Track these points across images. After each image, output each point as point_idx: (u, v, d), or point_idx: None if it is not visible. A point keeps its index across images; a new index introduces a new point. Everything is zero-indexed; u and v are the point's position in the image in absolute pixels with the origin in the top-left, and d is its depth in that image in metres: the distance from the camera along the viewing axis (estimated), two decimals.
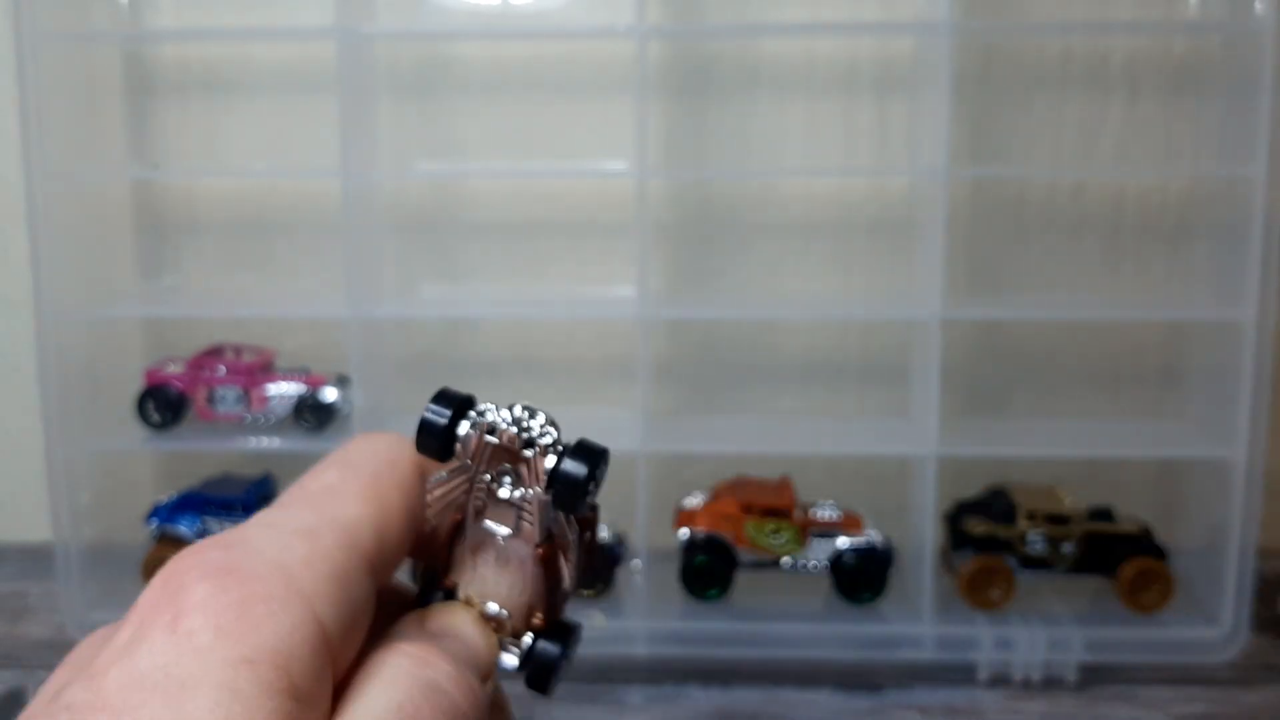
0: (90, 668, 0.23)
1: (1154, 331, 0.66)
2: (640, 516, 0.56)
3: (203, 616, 0.24)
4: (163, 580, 0.24)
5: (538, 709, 0.51)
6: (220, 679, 0.23)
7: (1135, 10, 0.62)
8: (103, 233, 0.64)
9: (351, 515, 0.26)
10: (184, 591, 0.24)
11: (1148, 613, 0.56)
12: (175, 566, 0.25)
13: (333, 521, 0.26)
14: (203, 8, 0.64)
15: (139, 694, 0.23)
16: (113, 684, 0.23)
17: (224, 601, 0.24)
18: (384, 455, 0.29)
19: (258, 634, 0.24)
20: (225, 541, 0.25)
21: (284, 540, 0.25)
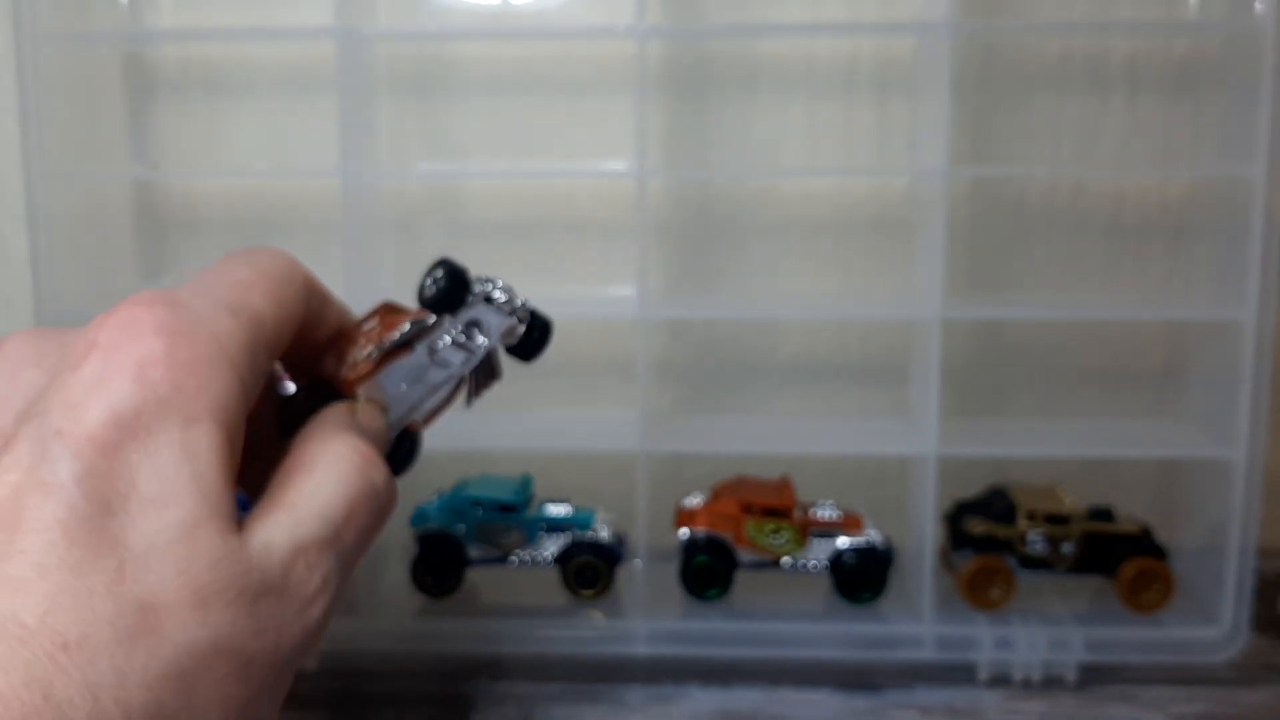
0: (65, 390, 0.28)
1: (1154, 331, 0.66)
2: (640, 516, 0.56)
3: (162, 370, 0.28)
4: (120, 324, 0.29)
5: (537, 708, 0.52)
6: (179, 435, 0.28)
7: (1135, 10, 0.62)
8: (103, 232, 0.64)
9: (259, 308, 0.32)
10: (143, 341, 0.28)
11: (1148, 613, 0.56)
12: (131, 314, 0.29)
13: (247, 307, 0.32)
14: (203, 8, 0.64)
15: (117, 433, 0.27)
16: (94, 419, 0.27)
17: (178, 359, 0.28)
18: (286, 268, 0.35)
19: (205, 394, 0.29)
20: (168, 300, 0.30)
21: (216, 313, 0.30)
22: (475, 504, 0.57)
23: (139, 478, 0.28)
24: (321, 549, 0.31)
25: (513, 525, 0.57)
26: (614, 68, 0.63)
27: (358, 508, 0.33)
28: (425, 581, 0.58)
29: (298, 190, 0.66)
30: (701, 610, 0.58)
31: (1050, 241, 0.65)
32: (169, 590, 0.28)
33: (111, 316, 0.29)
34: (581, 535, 0.58)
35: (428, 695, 0.53)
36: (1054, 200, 0.65)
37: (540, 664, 0.56)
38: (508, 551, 0.58)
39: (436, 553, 0.57)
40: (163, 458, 0.28)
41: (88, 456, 0.27)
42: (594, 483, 0.66)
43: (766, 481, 0.60)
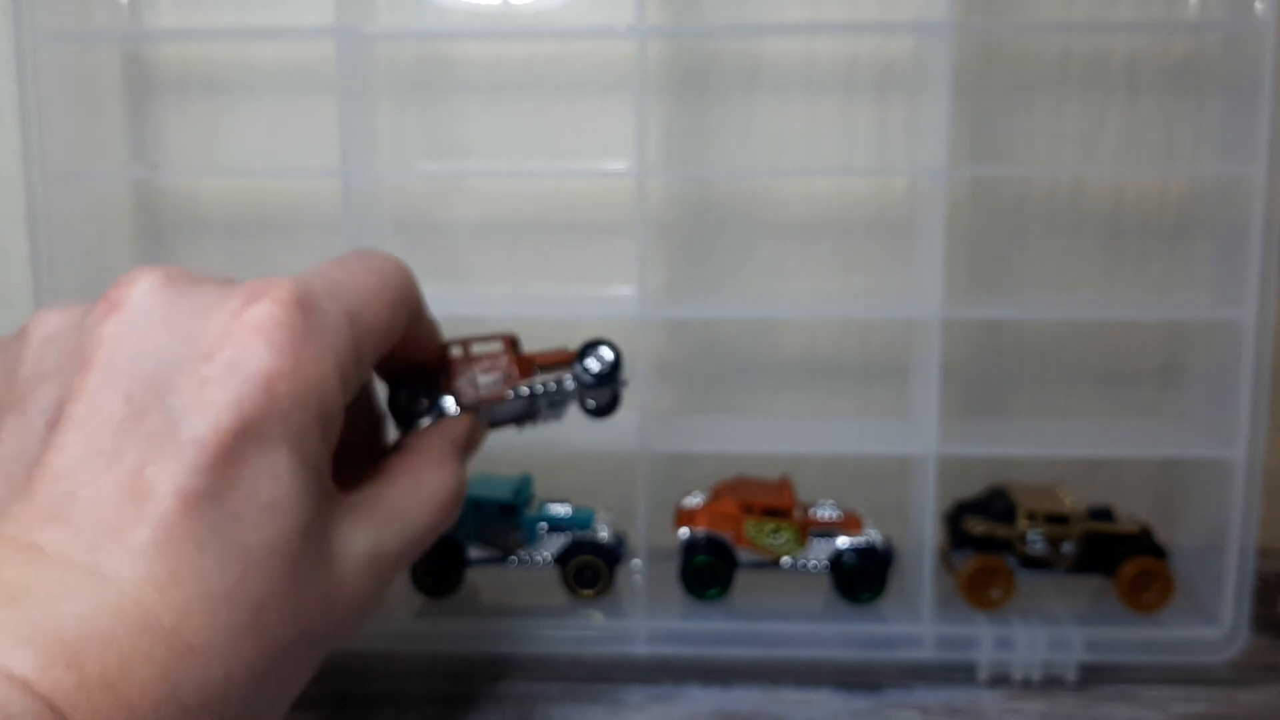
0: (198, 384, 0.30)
1: (1154, 331, 0.66)
2: (640, 516, 0.56)
3: (287, 385, 0.31)
4: (258, 325, 0.31)
5: (537, 707, 0.52)
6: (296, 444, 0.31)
7: (1135, 10, 0.62)
8: (103, 232, 0.64)
9: (377, 318, 0.35)
10: (275, 353, 0.31)
11: (1148, 612, 0.57)
12: (270, 314, 0.31)
13: (367, 317, 0.35)
14: (203, 8, 0.64)
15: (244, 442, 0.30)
16: (226, 426, 0.29)
17: (302, 376, 0.31)
18: (406, 284, 0.39)
19: (320, 408, 0.32)
20: (304, 304, 0.33)
21: (339, 324, 0.33)
22: (475, 504, 0.57)
23: (260, 486, 0.30)
24: (396, 563, 0.35)
25: (512, 525, 0.57)
26: (614, 68, 0.64)
27: (436, 533, 0.37)
28: (425, 581, 0.58)
29: (298, 190, 0.66)
30: (701, 610, 0.58)
31: (1050, 241, 0.65)
32: (278, 595, 0.30)
33: (252, 308, 0.31)
34: (581, 535, 0.58)
35: (428, 694, 0.53)
36: (1054, 200, 0.65)
37: (540, 663, 0.56)
38: (508, 551, 0.58)
39: (436, 552, 0.58)
40: (281, 467, 0.30)
41: (218, 467, 0.29)
42: (594, 483, 0.66)
43: (766, 481, 0.60)
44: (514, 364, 0.44)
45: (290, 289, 0.33)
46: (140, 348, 0.31)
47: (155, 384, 0.30)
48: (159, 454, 0.29)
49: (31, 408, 0.32)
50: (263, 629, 0.30)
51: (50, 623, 0.26)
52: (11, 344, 0.34)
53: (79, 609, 0.27)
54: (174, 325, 0.31)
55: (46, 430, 0.31)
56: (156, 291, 0.32)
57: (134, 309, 0.32)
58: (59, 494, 0.29)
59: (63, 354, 0.32)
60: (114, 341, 0.31)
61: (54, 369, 0.32)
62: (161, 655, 0.27)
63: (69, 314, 0.34)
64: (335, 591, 0.32)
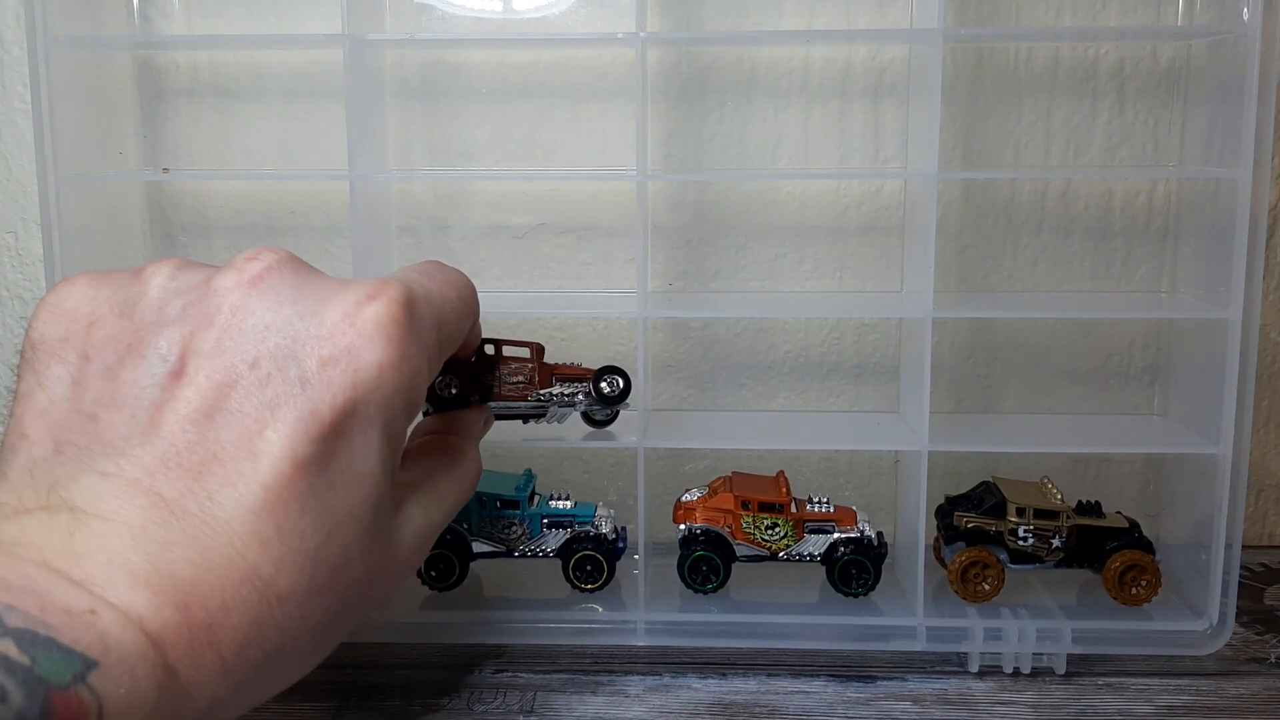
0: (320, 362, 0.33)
1: (1141, 330, 0.67)
2: (640, 511, 0.57)
3: (391, 376, 0.34)
4: (377, 320, 0.34)
5: (539, 697, 0.53)
6: (386, 426, 0.34)
7: (1123, 16, 0.63)
8: (115, 234, 0.65)
9: (453, 328, 0.40)
10: (389, 345, 0.34)
11: (1135, 606, 0.57)
12: (388, 313, 0.35)
13: (447, 326, 0.39)
14: (213, 14, 0.65)
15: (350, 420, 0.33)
16: (341, 404, 0.33)
17: (404, 370, 0.35)
18: (474, 300, 0.43)
19: (409, 397, 0.35)
20: (410, 305, 0.36)
21: (430, 329, 0.37)
22: (479, 499, 0.58)
23: (355, 458, 0.33)
24: (438, 530, 0.40)
25: (515, 519, 0.58)
26: (615, 74, 0.65)
27: (462, 506, 0.43)
28: (430, 574, 0.59)
29: (306, 193, 0.67)
30: (699, 602, 0.59)
31: (1039, 242, 0.66)
32: (352, 557, 0.33)
33: (372, 304, 0.35)
34: (583, 529, 0.59)
35: (432, 685, 0.54)
36: (1043, 202, 0.66)
37: (542, 654, 0.56)
38: (511, 545, 0.59)
39: (441, 546, 0.58)
40: (373, 443, 0.34)
41: (328, 439, 0.32)
42: (595, 478, 0.68)
43: (763, 477, 0.61)
44: (537, 371, 0.52)
45: (403, 291, 0.36)
46: (266, 320, 0.33)
47: (279, 354, 0.33)
48: (278, 419, 0.31)
49: (151, 353, 0.33)
50: (336, 586, 0.33)
51: (167, 566, 0.29)
52: (128, 284, 0.35)
53: (192, 555, 0.29)
54: (299, 304, 0.34)
55: (169, 379, 0.32)
56: (283, 269, 0.35)
57: (265, 282, 0.34)
58: (183, 443, 0.31)
59: (185, 308, 0.34)
60: (244, 308, 0.33)
61: (175, 320, 0.34)
62: (255, 603, 0.30)
63: (190, 271, 0.36)
64: (393, 556, 0.36)
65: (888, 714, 0.51)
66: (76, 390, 0.33)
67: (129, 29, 0.65)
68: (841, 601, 0.58)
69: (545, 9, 0.64)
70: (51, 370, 0.33)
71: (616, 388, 0.53)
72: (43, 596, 0.26)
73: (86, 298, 0.35)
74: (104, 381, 0.33)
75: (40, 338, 0.34)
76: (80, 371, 0.33)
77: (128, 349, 0.33)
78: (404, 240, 0.67)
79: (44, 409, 0.33)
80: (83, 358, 0.33)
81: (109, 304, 0.35)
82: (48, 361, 0.34)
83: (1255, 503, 0.71)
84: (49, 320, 0.34)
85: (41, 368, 0.33)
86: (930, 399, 0.56)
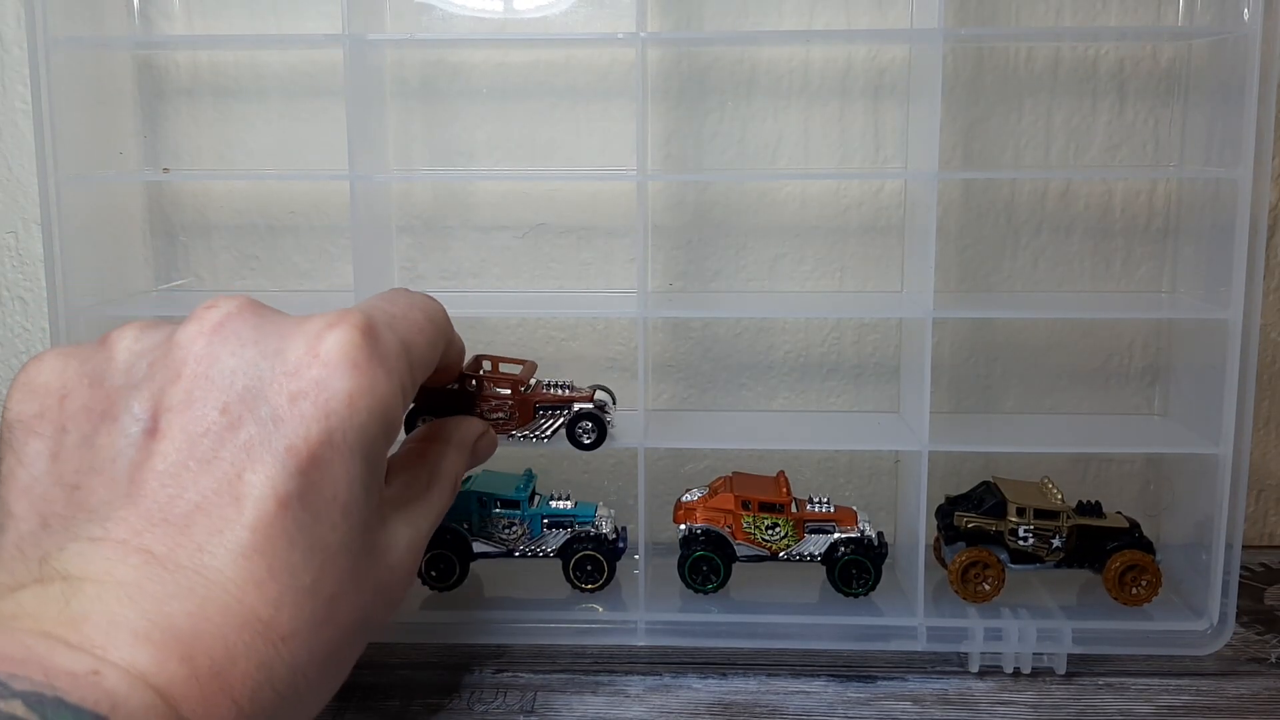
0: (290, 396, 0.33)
1: (1141, 330, 0.67)
2: (640, 511, 0.57)
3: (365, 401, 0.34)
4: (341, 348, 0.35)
5: (539, 697, 0.53)
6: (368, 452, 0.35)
7: (1123, 16, 0.63)
8: (116, 234, 0.65)
9: (424, 352, 0.40)
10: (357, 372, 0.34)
11: (1135, 606, 0.57)
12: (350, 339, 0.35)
13: (418, 349, 0.39)
14: (213, 14, 0.65)
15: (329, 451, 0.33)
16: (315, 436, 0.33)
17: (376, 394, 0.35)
18: (444, 321, 0.43)
19: (387, 420, 0.35)
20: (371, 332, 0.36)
21: (399, 352, 0.37)
22: (479, 499, 0.58)
23: (339, 488, 0.33)
24: (426, 539, 0.40)
25: (515, 519, 0.58)
26: (615, 74, 0.65)
27: (445, 512, 0.43)
28: (430, 574, 0.59)
29: (306, 193, 0.67)
30: (700, 602, 0.59)
31: (1040, 242, 0.66)
32: (346, 586, 0.34)
33: (332, 333, 0.35)
34: (583, 529, 0.59)
35: (433, 684, 0.54)
36: (1043, 202, 0.66)
37: (543, 654, 0.56)
38: (511, 545, 0.59)
39: (442, 546, 0.58)
40: (354, 471, 0.34)
41: (307, 472, 0.32)
42: (595, 478, 0.68)
43: (763, 477, 0.61)
44: (517, 406, 0.54)
45: (362, 318, 0.36)
46: (232, 364, 0.34)
47: (248, 396, 0.33)
48: (255, 460, 0.32)
49: (124, 415, 0.33)
50: (336, 617, 0.33)
51: (165, 621, 0.29)
52: (94, 354, 0.36)
53: (189, 606, 0.29)
54: (261, 344, 0.35)
55: (144, 438, 0.33)
56: (243, 313, 0.36)
57: (226, 328, 0.35)
58: (165, 498, 0.31)
59: (151, 366, 0.34)
60: (208, 356, 0.34)
61: (143, 380, 0.34)
62: (260, 646, 0.30)
63: (153, 331, 0.36)
64: (387, 578, 0.37)
65: (888, 714, 0.51)
66: (56, 463, 0.33)
67: (129, 29, 0.65)
68: (842, 601, 0.58)
69: (545, 9, 0.64)
70: (30, 447, 0.34)
71: (591, 436, 0.56)
72: (45, 663, 0.26)
73: (56, 372, 0.35)
74: (82, 451, 0.33)
75: (16, 416, 0.35)
76: (58, 445, 0.34)
77: (102, 416, 0.34)
78: (404, 240, 0.67)
79: (26, 486, 0.33)
80: (59, 430, 0.34)
81: (79, 375, 0.35)
82: (25, 439, 0.34)
83: (1255, 503, 0.71)
84: (23, 399, 0.35)
85: (20, 446, 0.34)
86: (930, 399, 0.56)
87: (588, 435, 0.56)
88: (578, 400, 0.56)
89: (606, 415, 0.56)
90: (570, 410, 0.56)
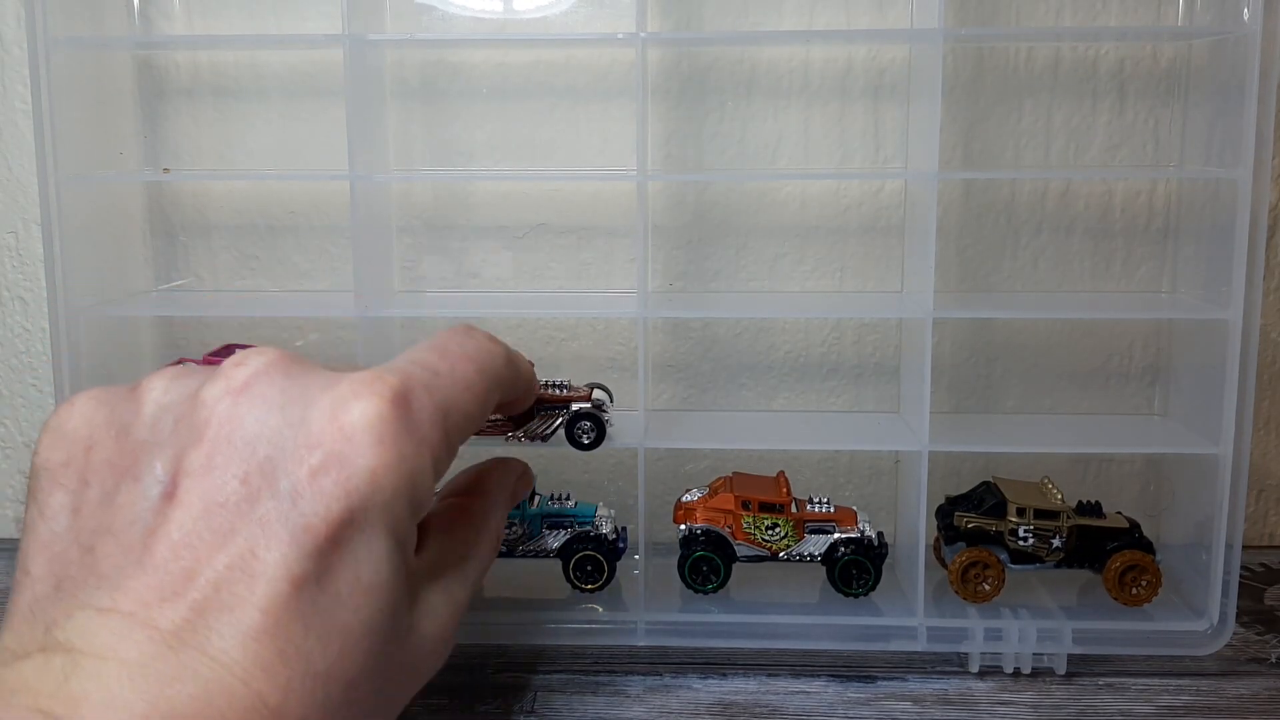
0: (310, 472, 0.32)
1: (1141, 330, 0.67)
2: (640, 511, 0.57)
3: (390, 479, 0.32)
4: (366, 421, 0.32)
5: (540, 697, 0.53)
6: (393, 530, 0.33)
7: (1123, 16, 0.63)
8: (115, 234, 0.65)
9: (470, 411, 0.38)
10: (381, 448, 0.32)
11: (1135, 606, 0.57)
12: (377, 411, 0.33)
13: (463, 410, 0.37)
14: (213, 14, 0.65)
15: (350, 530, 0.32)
16: (335, 514, 0.31)
17: (402, 471, 0.33)
18: (498, 372, 0.40)
19: (415, 498, 0.34)
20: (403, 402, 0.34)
21: (434, 419, 0.35)
22: None
23: (361, 569, 0.32)
24: (464, 609, 0.38)
25: (515, 519, 0.58)
26: (615, 74, 0.65)
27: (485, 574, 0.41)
28: None
29: (306, 193, 0.67)
30: (700, 603, 0.59)
31: (1040, 242, 0.66)
32: (369, 670, 0.32)
33: (359, 403, 0.33)
34: (583, 530, 0.59)
35: (434, 685, 0.52)
36: (1043, 202, 0.66)
37: (543, 655, 0.56)
38: (511, 545, 0.59)
39: None
40: (379, 550, 0.32)
41: (325, 552, 0.31)
42: (595, 478, 0.68)
43: (763, 477, 0.61)
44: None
45: (393, 386, 0.34)
46: (255, 430, 0.32)
47: (267, 467, 0.32)
48: (270, 537, 0.30)
49: (146, 475, 0.33)
50: (354, 702, 0.31)
51: (167, 705, 0.28)
52: (123, 403, 0.35)
53: (193, 690, 0.28)
54: (286, 410, 0.33)
55: (162, 501, 0.32)
56: (270, 374, 0.34)
57: (252, 389, 0.33)
58: (177, 570, 0.30)
59: (177, 423, 0.33)
60: (232, 419, 0.32)
61: (168, 437, 0.33)
62: None
63: (184, 382, 0.35)
64: (418, 656, 0.35)
65: (888, 714, 0.51)
66: (76, 519, 0.33)
67: (129, 29, 0.65)
68: (842, 602, 0.58)
69: (545, 9, 0.64)
70: (53, 499, 0.33)
71: (590, 436, 0.56)
72: None
73: (85, 418, 0.34)
74: (102, 509, 0.32)
75: (44, 463, 0.34)
76: (79, 499, 0.33)
77: (124, 472, 0.33)
78: (404, 240, 0.67)
79: (46, 542, 0.32)
80: (82, 483, 0.33)
81: (106, 425, 0.34)
82: (50, 489, 0.33)
83: (1255, 503, 0.71)
84: (51, 445, 0.34)
85: (44, 497, 0.33)
86: (930, 399, 0.56)
87: (586, 435, 0.56)
88: (575, 399, 0.55)
89: (605, 414, 0.56)
90: (569, 410, 0.55)
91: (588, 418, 0.55)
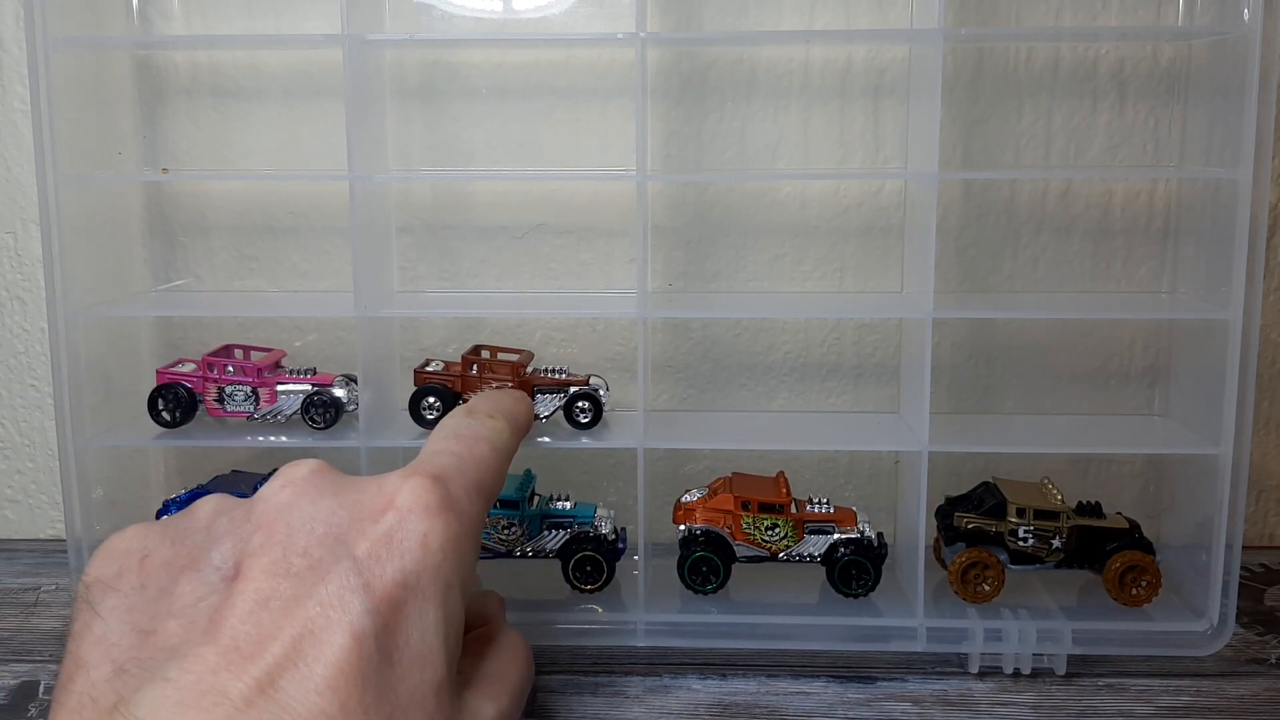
0: (367, 538, 0.35)
1: (1141, 330, 0.67)
2: (640, 511, 0.57)
3: (439, 543, 0.36)
4: (414, 494, 0.36)
5: (539, 697, 0.53)
6: (443, 598, 0.35)
7: (1123, 17, 0.63)
8: (114, 234, 0.65)
9: (491, 485, 0.42)
10: (429, 515, 0.36)
11: (1135, 606, 0.57)
12: (422, 484, 0.37)
13: (486, 487, 0.41)
14: (212, 15, 0.65)
15: (404, 592, 0.34)
16: (390, 576, 0.34)
17: (449, 536, 0.36)
18: (510, 447, 0.45)
19: (461, 564, 0.37)
20: (441, 479, 0.38)
21: (468, 494, 0.39)
22: None
23: (413, 635, 0.34)
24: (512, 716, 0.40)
25: (515, 520, 0.58)
26: (615, 74, 0.65)
27: (528, 686, 0.44)
28: None
29: (306, 193, 0.67)
30: (699, 603, 0.59)
31: (1040, 242, 0.66)
32: None
33: (406, 483, 0.37)
34: (582, 530, 0.59)
35: None
36: (1043, 202, 0.66)
37: (542, 655, 0.56)
38: (511, 545, 0.59)
39: None
40: (430, 618, 0.35)
41: (383, 612, 0.33)
42: (594, 479, 0.68)
43: (763, 478, 0.61)
44: (516, 388, 0.56)
45: (431, 472, 0.38)
46: (311, 511, 0.35)
47: (327, 540, 0.34)
48: (333, 598, 0.32)
49: (205, 565, 0.35)
50: None
51: None
52: (178, 521, 0.38)
53: None
54: (340, 495, 0.36)
55: (224, 583, 0.34)
56: (322, 472, 0.38)
57: (306, 481, 0.37)
58: (243, 635, 0.31)
59: (233, 522, 0.36)
60: (289, 505, 0.36)
61: (226, 534, 0.36)
62: None
63: (234, 499, 0.38)
64: None
65: (888, 715, 0.51)
66: (133, 614, 0.34)
67: (129, 29, 0.65)
68: (841, 602, 0.58)
69: (545, 9, 0.64)
70: (107, 601, 0.34)
71: (588, 415, 0.58)
72: None
73: (138, 538, 0.37)
74: (161, 600, 0.34)
75: (95, 578, 0.36)
76: (136, 598, 0.34)
77: (183, 569, 0.35)
78: (403, 240, 0.67)
79: (100, 635, 0.33)
80: (139, 587, 0.35)
81: (160, 538, 0.37)
82: (102, 595, 0.35)
83: (1255, 503, 0.71)
84: (102, 563, 0.36)
85: (97, 601, 0.35)
86: (930, 399, 0.56)
87: (585, 414, 0.58)
88: (574, 384, 0.58)
89: (602, 395, 0.58)
90: (567, 393, 0.58)
91: (586, 398, 0.58)
